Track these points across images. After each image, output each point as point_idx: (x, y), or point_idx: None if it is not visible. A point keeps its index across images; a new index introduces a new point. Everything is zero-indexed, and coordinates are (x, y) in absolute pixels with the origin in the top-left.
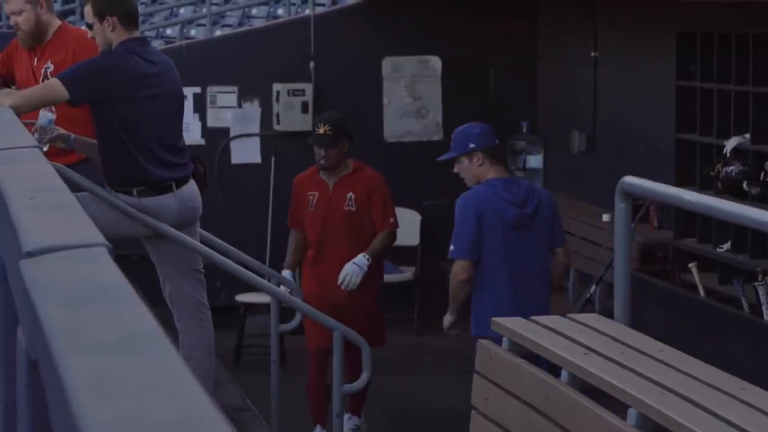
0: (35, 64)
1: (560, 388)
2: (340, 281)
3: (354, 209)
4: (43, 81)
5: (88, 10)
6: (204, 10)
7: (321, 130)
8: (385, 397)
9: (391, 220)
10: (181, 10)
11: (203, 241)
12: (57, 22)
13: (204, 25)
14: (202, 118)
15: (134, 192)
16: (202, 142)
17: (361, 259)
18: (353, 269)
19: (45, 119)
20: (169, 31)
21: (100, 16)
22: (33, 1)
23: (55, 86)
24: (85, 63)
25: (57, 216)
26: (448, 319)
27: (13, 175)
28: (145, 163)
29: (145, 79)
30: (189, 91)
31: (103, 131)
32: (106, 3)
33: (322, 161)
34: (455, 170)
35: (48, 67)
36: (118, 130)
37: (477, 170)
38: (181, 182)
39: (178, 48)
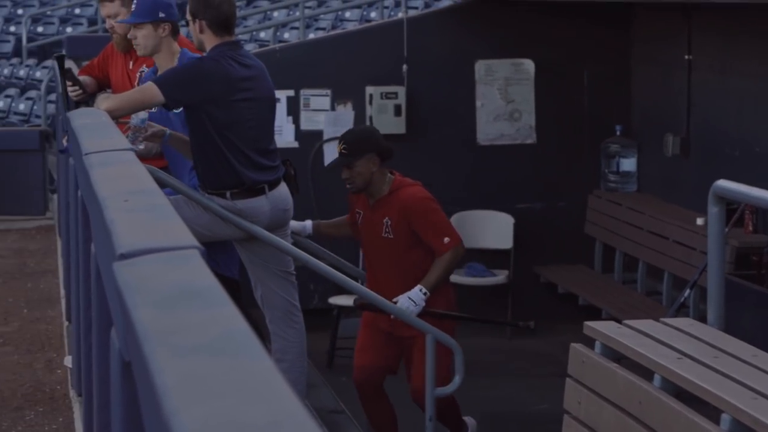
0: (130, 67)
1: (653, 392)
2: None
3: (391, 236)
4: (138, 85)
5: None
6: (297, 14)
7: (337, 149)
8: (477, 402)
9: (446, 240)
10: (275, 14)
11: (296, 244)
12: None
13: (297, 28)
14: (296, 121)
15: (227, 194)
16: (296, 144)
17: (417, 294)
18: (407, 305)
19: (138, 119)
20: (263, 35)
21: (192, 15)
22: (128, 5)
23: (151, 90)
24: (180, 67)
25: (150, 219)
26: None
27: (108, 178)
28: (239, 166)
29: (239, 82)
30: (282, 95)
31: (198, 135)
32: (196, 5)
33: (347, 183)
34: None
35: (143, 71)
36: (212, 134)
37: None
38: (273, 185)
39: (271, 51)
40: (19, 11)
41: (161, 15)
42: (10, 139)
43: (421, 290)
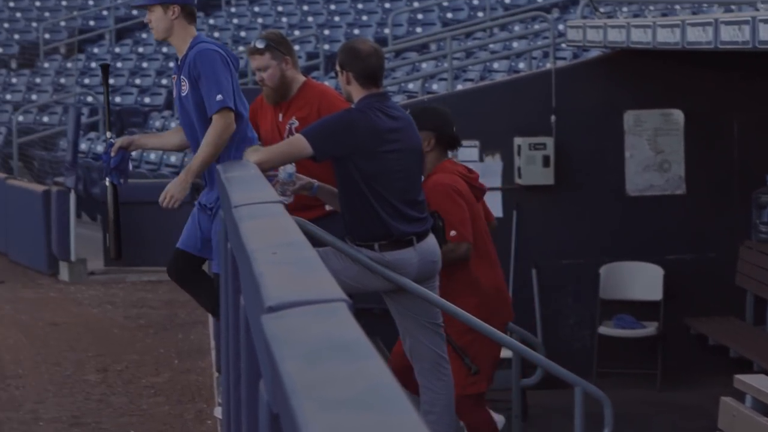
0: (280, 120)
1: None
2: None
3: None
4: (287, 137)
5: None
6: (446, 65)
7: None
8: None
9: (452, 233)
10: (423, 65)
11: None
12: (301, 78)
13: (446, 79)
14: None
15: (376, 246)
16: None
17: None
18: None
19: (285, 173)
20: (411, 86)
21: (341, 67)
22: (278, 58)
23: (300, 142)
24: (328, 119)
25: (298, 271)
26: None
27: (257, 231)
28: (387, 217)
29: (386, 134)
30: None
31: (346, 186)
32: (345, 57)
33: None
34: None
35: (293, 123)
36: (360, 185)
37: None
38: (421, 236)
39: (419, 102)
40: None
41: None
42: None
43: None
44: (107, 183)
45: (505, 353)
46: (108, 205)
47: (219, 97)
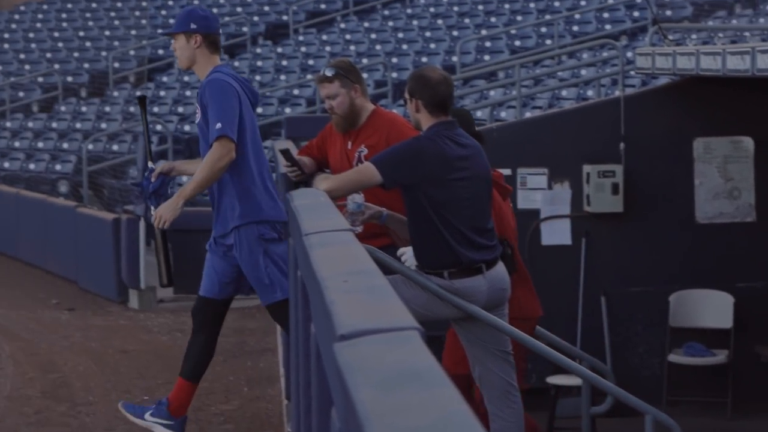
0: (349, 147)
1: None
2: None
3: None
4: (356, 165)
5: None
6: (514, 93)
7: None
8: None
9: None
10: (491, 93)
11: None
12: (370, 107)
13: (514, 107)
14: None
15: (445, 274)
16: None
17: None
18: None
19: (354, 204)
20: (479, 114)
21: (410, 94)
22: (347, 86)
23: (369, 170)
24: (397, 147)
25: (370, 299)
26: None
27: (328, 259)
28: (456, 245)
29: (455, 161)
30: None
31: (415, 214)
32: (414, 84)
33: None
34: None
35: (362, 151)
36: (429, 213)
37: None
38: (490, 264)
39: (488, 130)
40: None
41: (192, 26)
42: None
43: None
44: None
45: (575, 381)
46: (156, 235)
47: (218, 125)
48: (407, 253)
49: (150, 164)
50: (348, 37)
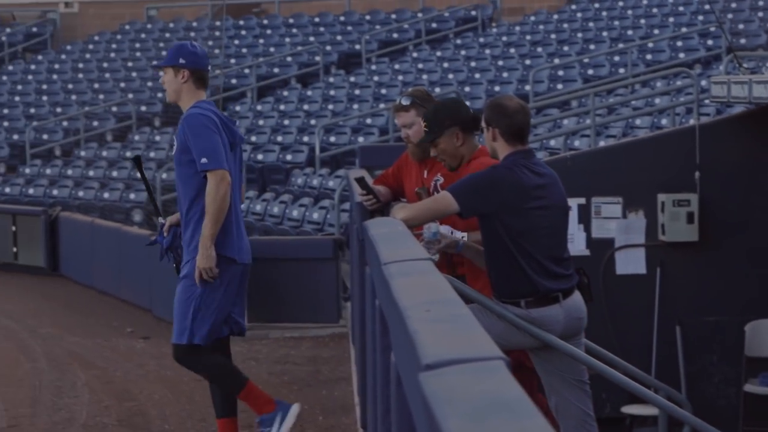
0: (425, 176)
1: None
2: None
3: None
4: (433, 194)
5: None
6: (588, 122)
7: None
8: None
9: None
10: (565, 122)
11: (588, 352)
12: None
13: (588, 136)
14: (587, 229)
15: (522, 303)
16: (587, 252)
17: None
18: None
19: (430, 233)
20: (552, 143)
21: (487, 123)
22: (422, 114)
23: (446, 199)
24: (474, 175)
25: (453, 329)
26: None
27: (409, 288)
28: (533, 274)
29: (532, 190)
30: (573, 202)
31: (491, 243)
32: (491, 113)
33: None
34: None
35: (438, 180)
36: (506, 242)
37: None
38: (567, 293)
39: (562, 159)
40: (312, 121)
41: (181, 61)
42: (304, 248)
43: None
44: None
45: (651, 410)
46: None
47: (203, 160)
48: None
49: (160, 219)
50: (420, 66)
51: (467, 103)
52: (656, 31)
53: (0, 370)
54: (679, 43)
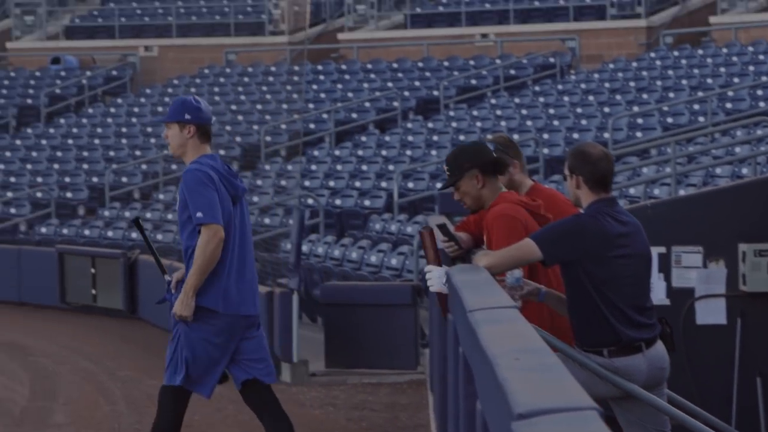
0: None
1: None
2: None
3: None
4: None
5: None
6: (668, 170)
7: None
8: None
9: None
10: (644, 170)
11: (670, 402)
12: (529, 182)
13: (668, 184)
14: (667, 278)
15: (605, 352)
16: (667, 302)
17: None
18: None
19: (513, 278)
20: (632, 191)
21: (570, 170)
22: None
23: (529, 246)
24: (558, 223)
25: (544, 378)
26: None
27: (496, 336)
28: (617, 323)
29: (615, 239)
30: (653, 251)
31: (574, 291)
32: (575, 161)
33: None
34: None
35: None
36: (589, 290)
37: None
38: (650, 343)
39: (642, 207)
40: (390, 167)
41: (187, 117)
42: (382, 294)
43: None
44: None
45: None
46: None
47: (198, 214)
48: (434, 273)
49: (166, 277)
50: (499, 112)
51: (545, 149)
52: (736, 80)
53: (80, 412)
54: (759, 92)
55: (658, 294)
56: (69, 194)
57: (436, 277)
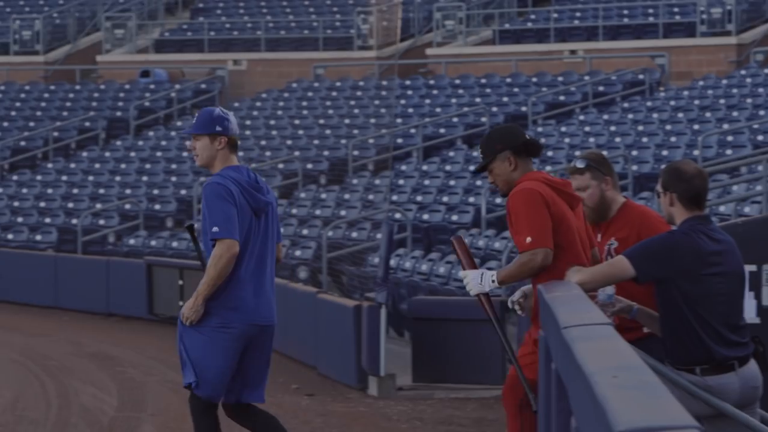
0: (599, 240)
1: None
2: None
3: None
4: (606, 258)
5: None
6: (758, 188)
7: None
8: None
9: (528, 239)
10: (734, 188)
11: (763, 422)
12: (621, 199)
13: (759, 202)
14: (758, 297)
15: (697, 370)
16: (758, 321)
17: (487, 277)
18: (472, 277)
19: (605, 295)
20: (722, 209)
21: (664, 188)
22: (599, 178)
23: (622, 264)
24: (651, 240)
25: (643, 396)
26: None
27: (593, 353)
28: (709, 341)
29: (709, 257)
30: (744, 269)
31: (667, 308)
32: (668, 178)
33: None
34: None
35: (612, 244)
36: (682, 308)
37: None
38: (743, 361)
39: (733, 225)
40: (478, 182)
41: (218, 129)
42: (470, 309)
43: (492, 277)
44: None
45: None
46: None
47: (214, 228)
48: (469, 276)
49: None
50: (587, 129)
51: (634, 166)
52: None
53: (167, 423)
54: None
55: (749, 312)
56: (157, 206)
57: (472, 280)
